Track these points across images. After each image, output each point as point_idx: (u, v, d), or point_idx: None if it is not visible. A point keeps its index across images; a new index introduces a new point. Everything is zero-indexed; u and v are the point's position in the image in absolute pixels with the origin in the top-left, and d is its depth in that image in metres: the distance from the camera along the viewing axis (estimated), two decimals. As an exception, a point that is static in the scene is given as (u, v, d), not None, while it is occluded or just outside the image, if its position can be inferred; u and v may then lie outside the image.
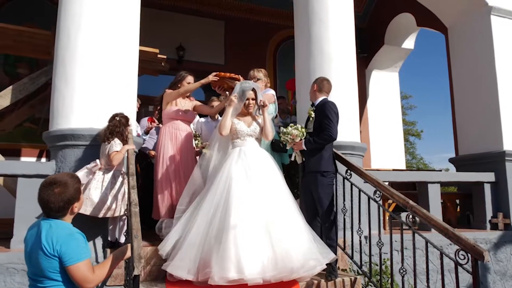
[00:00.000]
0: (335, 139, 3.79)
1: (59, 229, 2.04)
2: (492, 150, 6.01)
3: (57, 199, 2.05)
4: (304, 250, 3.24)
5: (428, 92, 43.52)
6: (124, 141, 3.69)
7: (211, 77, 4.16)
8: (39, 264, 2.00)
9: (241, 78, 4.10)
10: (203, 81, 4.20)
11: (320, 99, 3.92)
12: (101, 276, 2.14)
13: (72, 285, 2.04)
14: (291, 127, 3.83)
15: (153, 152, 4.93)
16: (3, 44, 5.31)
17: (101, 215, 3.53)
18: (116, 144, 3.60)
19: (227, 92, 4.30)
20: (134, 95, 4.27)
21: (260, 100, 3.78)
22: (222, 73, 4.18)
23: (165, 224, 3.96)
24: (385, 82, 9.50)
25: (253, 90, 3.79)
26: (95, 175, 3.59)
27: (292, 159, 4.04)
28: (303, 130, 3.82)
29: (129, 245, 2.30)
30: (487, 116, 6.19)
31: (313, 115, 3.89)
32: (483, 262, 2.65)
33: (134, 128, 4.19)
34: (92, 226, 3.68)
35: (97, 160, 3.66)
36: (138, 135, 4.24)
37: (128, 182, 3.04)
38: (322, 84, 3.94)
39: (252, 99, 3.78)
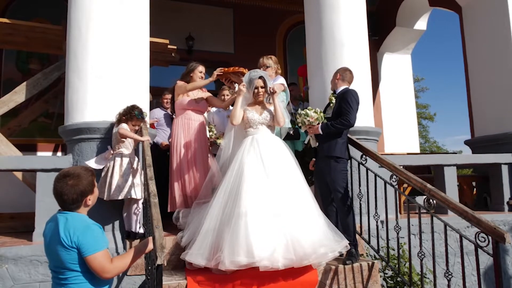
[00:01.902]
0: (353, 126, 3.80)
1: (75, 221, 2.08)
2: (510, 130, 5.90)
3: (70, 191, 2.09)
4: (315, 237, 3.25)
5: (441, 74, 42.82)
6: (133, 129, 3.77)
7: (216, 73, 4.22)
8: (59, 256, 2.05)
9: (245, 70, 4.09)
10: (210, 78, 4.26)
11: (342, 87, 3.94)
12: (121, 267, 2.18)
13: (92, 275, 2.09)
14: (309, 109, 3.82)
15: (164, 143, 4.95)
16: (15, 40, 5.35)
17: (121, 196, 3.61)
18: (123, 125, 3.69)
19: (236, 85, 4.31)
20: (147, 86, 4.28)
21: (270, 87, 3.77)
22: (226, 68, 4.23)
23: (182, 213, 4.01)
24: (397, 65, 9.34)
25: (262, 78, 3.78)
26: (110, 161, 3.69)
27: (306, 142, 4.05)
28: (322, 114, 3.83)
29: (151, 237, 2.34)
30: (504, 96, 6.06)
31: (333, 101, 3.89)
32: (504, 244, 2.63)
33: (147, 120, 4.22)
34: (111, 217, 3.76)
35: (108, 147, 3.77)
36: (152, 127, 4.28)
37: (146, 174, 3.07)
38: (345, 74, 3.99)
39: (261, 87, 3.77)
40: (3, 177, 5.36)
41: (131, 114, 3.73)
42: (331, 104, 3.92)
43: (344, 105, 3.75)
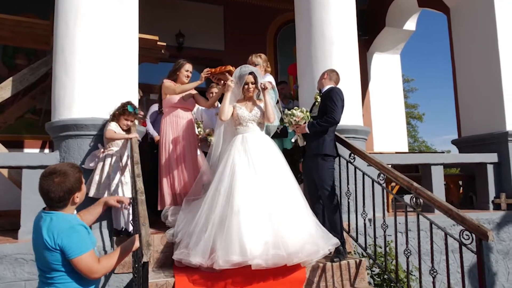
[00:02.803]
0: (338, 123, 3.83)
1: (60, 222, 2.04)
2: (495, 131, 5.99)
3: (57, 188, 2.04)
4: (305, 235, 3.30)
5: (429, 74, 43.30)
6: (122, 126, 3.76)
7: (203, 76, 4.21)
8: (44, 256, 2.03)
9: (232, 68, 4.10)
10: (198, 81, 4.24)
11: (328, 86, 3.99)
12: (108, 267, 2.15)
13: (78, 275, 2.07)
14: (295, 110, 3.83)
15: (157, 138, 4.87)
16: (1, 35, 5.25)
17: (106, 195, 3.57)
18: (111, 125, 3.68)
19: (222, 82, 4.31)
20: (135, 83, 4.25)
21: (261, 83, 3.77)
22: (213, 69, 4.22)
23: (171, 211, 3.99)
24: (387, 65, 9.41)
25: (252, 74, 3.78)
26: (101, 160, 3.67)
27: (293, 140, 4.07)
28: (308, 113, 3.85)
29: (137, 235, 2.32)
30: (490, 97, 6.14)
31: (319, 100, 3.93)
32: (487, 241, 2.67)
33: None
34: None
35: (99, 145, 3.75)
36: (143, 124, 4.25)
37: (133, 171, 3.05)
38: (332, 74, 4.05)
39: (252, 83, 3.77)
40: (-12, 174, 5.28)
41: (123, 108, 3.73)
42: (317, 103, 3.96)
43: (329, 103, 3.79)
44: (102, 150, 3.71)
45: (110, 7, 4.00)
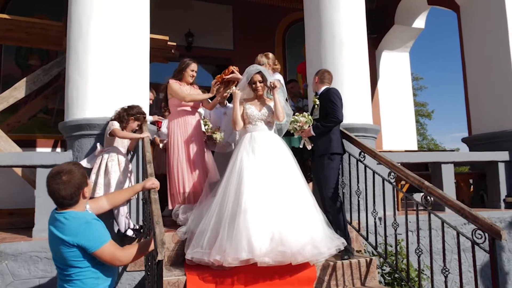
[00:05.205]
0: (341, 121, 3.93)
1: (74, 219, 2.09)
2: (507, 128, 5.93)
3: (67, 186, 2.09)
4: (313, 234, 3.30)
5: (438, 72, 42.87)
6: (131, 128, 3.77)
7: (214, 88, 4.31)
8: (61, 254, 2.08)
9: (233, 67, 4.20)
10: (210, 94, 4.31)
11: (323, 88, 4.07)
12: (130, 255, 2.21)
13: (96, 271, 2.13)
14: (297, 115, 3.89)
15: (158, 139, 4.85)
16: (15, 36, 5.34)
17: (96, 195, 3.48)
18: (115, 124, 3.66)
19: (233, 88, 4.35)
20: (147, 83, 4.29)
21: (271, 82, 3.79)
22: (219, 77, 4.28)
23: (182, 210, 4.03)
24: (396, 63, 9.36)
25: (260, 73, 3.80)
26: (98, 159, 3.68)
27: (301, 146, 4.12)
28: (310, 117, 3.95)
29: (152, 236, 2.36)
30: (501, 94, 6.08)
31: (317, 103, 4.03)
32: (500, 241, 2.66)
33: (148, 117, 4.23)
34: (101, 217, 3.75)
35: (98, 144, 3.76)
36: (159, 123, 4.28)
37: (146, 170, 3.09)
38: (324, 76, 4.11)
39: (259, 82, 3.79)
40: (2, 173, 5.37)
41: (136, 116, 3.72)
42: (316, 106, 4.05)
43: (329, 104, 3.88)
44: (100, 149, 3.72)
45: (122, 9, 4.05)
